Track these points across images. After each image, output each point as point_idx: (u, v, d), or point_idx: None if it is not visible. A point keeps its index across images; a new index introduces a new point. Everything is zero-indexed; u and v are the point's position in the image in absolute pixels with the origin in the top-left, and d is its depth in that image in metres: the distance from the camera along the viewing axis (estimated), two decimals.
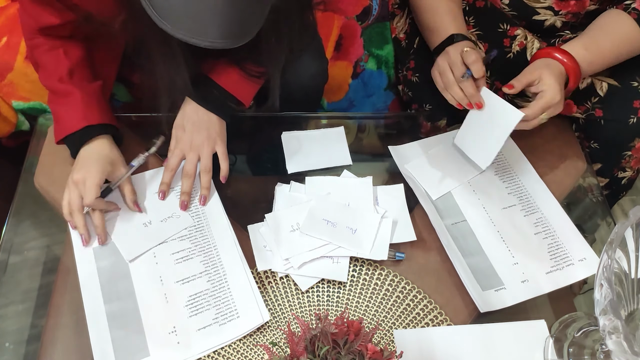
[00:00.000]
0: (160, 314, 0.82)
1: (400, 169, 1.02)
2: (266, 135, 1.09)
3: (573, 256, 0.91)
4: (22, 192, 0.93)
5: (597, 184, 1.03)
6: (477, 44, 1.09)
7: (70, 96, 0.89)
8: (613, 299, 0.62)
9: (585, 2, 1.01)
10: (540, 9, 1.03)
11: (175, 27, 0.65)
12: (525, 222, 0.95)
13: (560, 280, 0.88)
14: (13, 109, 1.12)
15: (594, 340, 0.78)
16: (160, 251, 0.87)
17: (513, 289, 0.87)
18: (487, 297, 0.86)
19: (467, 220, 0.95)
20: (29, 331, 0.81)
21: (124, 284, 0.84)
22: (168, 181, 0.94)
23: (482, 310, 0.84)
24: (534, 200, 0.97)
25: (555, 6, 1.02)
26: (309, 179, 0.97)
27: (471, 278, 0.88)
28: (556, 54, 0.93)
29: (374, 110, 1.31)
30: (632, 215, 0.69)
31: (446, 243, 0.91)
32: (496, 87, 1.08)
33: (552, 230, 0.94)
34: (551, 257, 0.91)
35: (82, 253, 0.86)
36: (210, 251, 0.88)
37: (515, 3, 1.04)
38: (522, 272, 0.89)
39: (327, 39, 1.24)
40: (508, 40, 1.07)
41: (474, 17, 1.10)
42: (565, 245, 0.92)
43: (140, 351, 0.79)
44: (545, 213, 0.96)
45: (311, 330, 0.64)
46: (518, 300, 0.86)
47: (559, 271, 0.89)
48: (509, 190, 0.98)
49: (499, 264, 0.90)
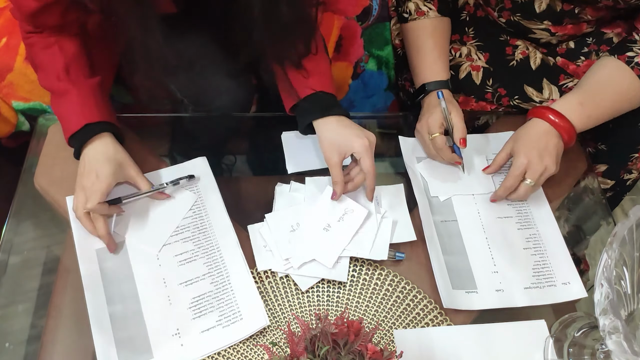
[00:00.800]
0: (164, 315, 0.82)
1: (406, 160, 1.01)
2: (266, 135, 1.09)
3: (557, 278, 0.90)
4: (22, 192, 0.93)
5: (597, 184, 1.03)
6: (477, 54, 1.09)
7: (67, 94, 0.87)
8: (613, 299, 0.62)
9: (581, 25, 1.01)
10: (536, 29, 1.03)
11: None
12: (517, 235, 0.94)
13: (536, 297, 0.87)
14: (13, 110, 1.12)
15: (594, 340, 0.78)
16: (163, 253, 0.87)
17: (485, 295, 0.87)
18: (454, 295, 0.86)
19: (457, 220, 0.95)
20: (29, 331, 0.81)
21: (127, 286, 0.84)
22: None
23: (445, 306, 0.84)
24: (532, 216, 0.96)
25: (552, 29, 1.02)
26: (309, 179, 0.97)
27: (444, 274, 0.88)
28: (550, 115, 0.93)
29: (373, 111, 1.31)
30: (632, 215, 0.69)
31: (429, 236, 0.91)
32: (499, 95, 1.09)
33: (543, 248, 0.93)
34: (534, 274, 0.90)
35: (85, 254, 0.86)
36: (213, 253, 0.88)
37: (512, 23, 1.04)
38: (499, 281, 0.88)
39: (328, 40, 1.24)
40: (510, 48, 1.08)
41: (474, 27, 1.10)
42: (553, 266, 0.91)
43: (144, 353, 0.79)
44: (540, 230, 0.94)
45: (311, 330, 0.64)
46: (486, 307, 0.85)
47: (538, 289, 0.88)
48: (509, 202, 0.97)
49: (478, 269, 0.89)
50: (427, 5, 1.02)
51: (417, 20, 1.02)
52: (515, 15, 1.02)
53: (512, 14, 1.02)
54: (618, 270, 0.69)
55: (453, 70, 1.10)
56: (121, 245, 0.87)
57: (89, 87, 0.89)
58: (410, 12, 1.03)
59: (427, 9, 1.02)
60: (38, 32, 0.87)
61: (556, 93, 1.06)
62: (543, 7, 0.98)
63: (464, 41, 1.10)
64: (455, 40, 1.11)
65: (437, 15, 1.02)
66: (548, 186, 0.99)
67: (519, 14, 1.01)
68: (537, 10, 0.99)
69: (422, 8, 1.02)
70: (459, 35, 1.11)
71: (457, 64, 1.10)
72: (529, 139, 0.92)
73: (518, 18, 1.02)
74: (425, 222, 0.92)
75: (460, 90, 1.09)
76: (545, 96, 1.06)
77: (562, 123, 0.92)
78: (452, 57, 1.10)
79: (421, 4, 1.02)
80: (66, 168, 0.92)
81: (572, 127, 0.92)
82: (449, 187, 0.98)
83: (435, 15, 1.02)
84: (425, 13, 1.02)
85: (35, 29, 0.87)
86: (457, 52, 1.10)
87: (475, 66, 1.09)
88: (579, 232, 0.98)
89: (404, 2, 1.04)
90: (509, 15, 1.03)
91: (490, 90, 1.09)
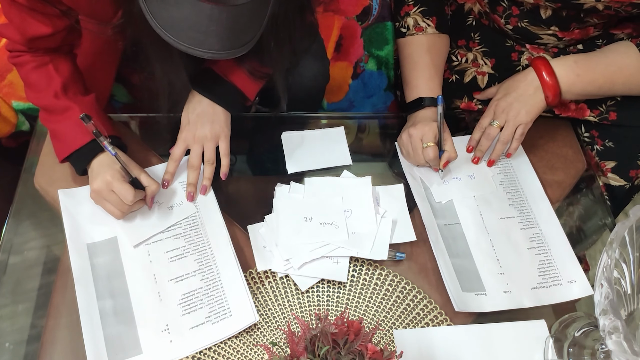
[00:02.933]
0: (154, 312, 0.82)
1: (404, 166, 1.01)
2: (266, 135, 1.09)
3: (563, 276, 0.90)
4: (22, 192, 0.93)
5: (597, 184, 1.03)
6: (483, 60, 1.09)
7: (69, 111, 0.87)
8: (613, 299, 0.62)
9: (588, 30, 1.01)
10: (544, 35, 1.03)
11: (177, 38, 0.65)
12: (520, 235, 0.94)
13: (544, 297, 0.87)
14: (13, 109, 1.12)
15: (594, 340, 0.78)
16: (154, 249, 0.88)
17: (494, 296, 0.87)
18: (465, 298, 0.86)
19: (461, 223, 0.95)
20: (28, 331, 0.81)
21: (117, 282, 0.84)
22: (172, 170, 0.95)
23: (457, 309, 0.84)
24: (534, 216, 0.96)
25: (559, 34, 1.02)
26: (307, 179, 0.97)
27: (453, 277, 0.88)
28: (544, 73, 0.94)
29: (373, 111, 1.31)
30: (632, 215, 0.69)
31: (434, 240, 0.91)
32: None
33: (547, 247, 0.93)
34: (540, 273, 0.90)
35: (76, 249, 0.86)
36: (204, 250, 0.88)
37: (519, 29, 1.04)
38: (506, 282, 0.88)
39: (328, 40, 1.24)
40: (516, 54, 1.07)
41: (479, 33, 1.10)
42: (557, 265, 0.91)
43: (133, 349, 0.79)
44: (543, 230, 0.94)
45: (311, 330, 0.64)
46: (497, 308, 0.85)
47: (544, 289, 0.88)
48: (511, 202, 0.97)
49: (485, 271, 0.89)
50: (425, 22, 1.02)
51: (415, 35, 1.02)
52: (522, 21, 1.02)
53: (520, 20, 1.02)
54: (618, 270, 0.69)
55: (458, 74, 1.09)
56: (112, 241, 0.88)
57: (89, 103, 0.89)
58: (409, 27, 1.02)
59: (426, 25, 1.02)
60: (30, 52, 0.86)
61: None
62: (549, 13, 0.98)
63: (470, 47, 1.10)
64: (461, 45, 1.11)
65: (435, 32, 1.02)
66: (548, 186, 1.00)
67: (527, 20, 1.01)
68: (543, 16, 0.99)
69: (420, 24, 1.02)
70: (465, 41, 1.11)
71: (463, 69, 1.10)
72: (514, 85, 0.95)
73: (525, 24, 1.02)
74: (428, 226, 0.92)
75: (464, 94, 1.09)
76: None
77: (550, 82, 0.93)
78: (458, 62, 1.10)
79: (420, 20, 1.02)
80: (66, 168, 0.92)
81: (555, 79, 0.94)
82: (450, 189, 0.98)
83: (433, 32, 1.02)
84: (424, 29, 1.02)
85: (29, 49, 0.86)
86: (463, 58, 1.10)
87: (480, 72, 1.09)
88: (579, 232, 0.98)
89: (402, 17, 1.03)
90: (516, 21, 1.03)
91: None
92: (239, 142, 1.00)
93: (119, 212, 0.86)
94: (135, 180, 0.87)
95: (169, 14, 0.64)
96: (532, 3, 0.97)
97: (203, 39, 0.65)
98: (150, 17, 0.65)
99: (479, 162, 1.00)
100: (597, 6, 0.90)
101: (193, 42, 0.65)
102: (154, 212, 0.91)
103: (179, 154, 0.95)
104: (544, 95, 0.94)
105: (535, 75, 0.95)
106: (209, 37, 0.65)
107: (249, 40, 0.69)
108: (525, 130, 0.97)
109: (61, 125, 0.88)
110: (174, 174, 0.95)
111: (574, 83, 0.94)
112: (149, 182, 0.88)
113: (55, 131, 0.89)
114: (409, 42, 1.03)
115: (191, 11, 0.63)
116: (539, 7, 0.98)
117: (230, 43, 0.67)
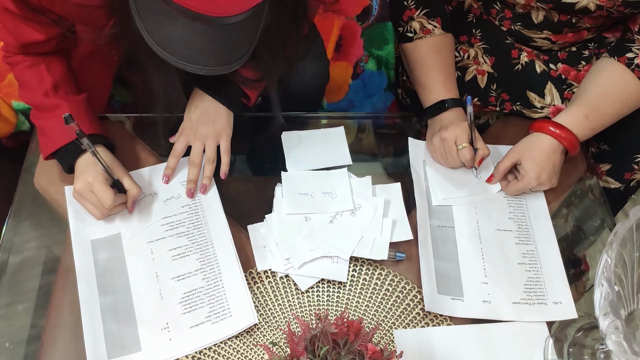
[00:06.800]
0: (154, 309, 0.83)
1: (412, 162, 1.01)
2: (266, 135, 1.09)
3: (549, 296, 0.88)
4: (22, 192, 0.93)
5: (597, 184, 1.02)
6: (484, 57, 1.09)
7: (58, 109, 0.86)
8: (613, 299, 0.62)
9: (582, 33, 1.01)
10: (537, 38, 1.03)
11: (173, 55, 0.66)
12: (514, 250, 0.92)
13: (524, 314, 0.85)
14: (13, 109, 1.12)
15: (594, 340, 0.78)
16: (157, 247, 0.88)
17: (470, 304, 0.86)
18: (438, 300, 0.85)
19: (455, 227, 0.94)
20: (29, 331, 0.81)
21: (119, 278, 0.85)
22: (173, 166, 0.95)
23: (426, 309, 0.84)
24: (532, 233, 0.95)
25: (552, 37, 1.02)
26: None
27: (432, 277, 0.87)
28: (551, 127, 0.93)
29: (373, 111, 1.31)
30: (632, 215, 0.69)
31: (422, 239, 0.90)
32: (502, 99, 1.09)
33: (539, 266, 0.91)
34: (525, 289, 0.88)
35: (80, 244, 0.86)
36: (207, 249, 0.88)
37: (513, 32, 1.05)
38: (487, 292, 0.87)
39: (327, 40, 1.24)
40: (516, 51, 1.07)
41: (481, 30, 1.09)
42: (546, 284, 0.89)
43: (133, 345, 0.79)
44: (539, 248, 0.93)
45: (311, 330, 0.64)
46: (471, 316, 0.85)
47: (527, 305, 0.86)
48: (511, 216, 0.96)
49: (468, 278, 0.89)
50: (431, 23, 1.01)
51: (423, 38, 1.01)
52: (515, 24, 1.02)
53: (513, 24, 1.02)
54: (618, 270, 0.69)
55: (460, 71, 1.09)
56: (116, 238, 0.88)
57: (80, 101, 0.89)
58: (416, 31, 1.01)
59: (433, 27, 1.01)
60: (24, 53, 0.87)
61: (558, 99, 1.06)
62: (540, 18, 0.98)
63: (472, 43, 1.10)
64: (463, 41, 1.10)
65: (442, 32, 1.01)
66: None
67: (519, 23, 1.01)
68: (535, 21, 0.99)
69: (427, 26, 1.01)
70: (467, 37, 1.11)
71: (465, 65, 1.10)
72: (536, 163, 0.93)
73: (519, 27, 1.02)
74: (420, 225, 0.92)
75: (464, 93, 1.09)
76: (547, 102, 1.06)
77: (565, 135, 0.92)
78: (461, 58, 1.10)
79: (426, 22, 1.01)
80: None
81: (577, 139, 0.93)
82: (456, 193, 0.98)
83: (441, 33, 1.01)
84: (431, 31, 1.01)
85: (23, 53, 0.87)
86: (465, 54, 1.10)
87: (480, 70, 1.09)
88: (579, 232, 0.98)
89: (406, 22, 1.03)
90: (509, 24, 1.03)
91: (493, 95, 1.09)
92: (239, 142, 1.00)
93: (99, 213, 0.86)
94: (118, 183, 0.86)
95: (164, 32, 0.65)
96: (523, 4, 0.97)
97: (198, 55, 0.66)
98: (146, 35, 0.65)
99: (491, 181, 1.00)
100: (588, 6, 0.90)
101: (188, 59, 0.66)
102: (152, 206, 0.91)
103: (180, 150, 0.95)
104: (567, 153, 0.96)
105: (554, 140, 0.94)
106: (203, 54, 0.66)
107: (242, 54, 0.70)
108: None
109: (49, 122, 0.88)
110: (174, 169, 0.95)
111: (590, 135, 0.96)
112: (131, 186, 0.87)
113: (43, 128, 0.89)
114: (419, 45, 1.02)
115: (185, 30, 0.64)
116: (530, 12, 0.99)
117: (225, 58, 0.68)
